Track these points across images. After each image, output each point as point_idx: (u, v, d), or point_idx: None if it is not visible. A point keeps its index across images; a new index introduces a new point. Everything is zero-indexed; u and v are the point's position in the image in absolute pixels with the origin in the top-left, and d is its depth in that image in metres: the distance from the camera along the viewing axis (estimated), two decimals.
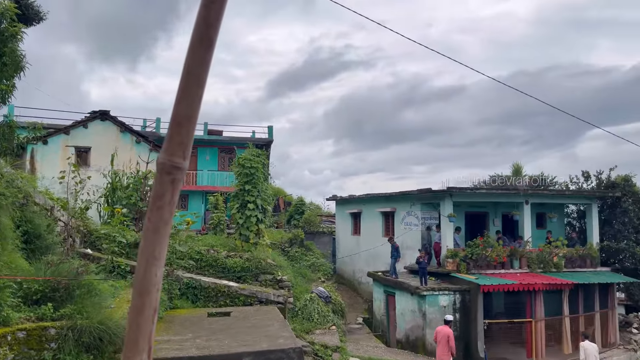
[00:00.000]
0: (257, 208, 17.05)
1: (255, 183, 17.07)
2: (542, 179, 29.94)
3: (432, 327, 17.24)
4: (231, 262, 15.34)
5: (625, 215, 22.72)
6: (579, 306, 19.68)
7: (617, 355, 19.54)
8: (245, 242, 16.90)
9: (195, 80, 1.32)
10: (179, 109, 1.34)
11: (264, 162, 18.09)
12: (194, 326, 11.05)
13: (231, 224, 20.82)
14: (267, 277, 15.47)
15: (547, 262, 19.89)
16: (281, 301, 14.29)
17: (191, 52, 1.33)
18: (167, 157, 1.33)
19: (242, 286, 14.37)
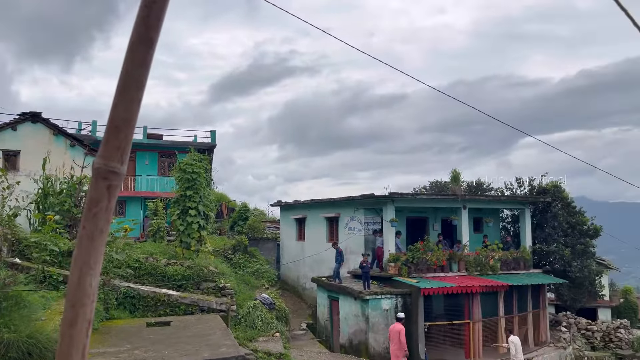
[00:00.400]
0: (199, 214, 16.70)
1: (197, 188, 16.72)
2: (478, 185, 31.22)
3: (374, 331, 17.49)
4: (171, 270, 14.92)
5: (555, 220, 24.01)
6: (513, 307, 20.54)
7: (548, 353, 20.54)
8: (187, 250, 16.50)
9: (134, 83, 1.28)
10: (117, 112, 1.28)
11: (206, 167, 17.77)
12: (132, 337, 10.65)
13: (171, 230, 20.29)
14: (209, 285, 15.16)
15: (484, 265, 20.66)
16: (224, 309, 14.05)
17: (130, 53, 1.28)
18: (104, 162, 1.27)
19: (183, 295, 14.01)
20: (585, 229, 24.67)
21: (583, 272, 23.77)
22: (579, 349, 23.01)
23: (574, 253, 23.63)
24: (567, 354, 21.47)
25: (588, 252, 24.58)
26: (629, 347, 25.78)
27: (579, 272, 23.61)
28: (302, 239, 26.21)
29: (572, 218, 24.51)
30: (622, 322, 26.94)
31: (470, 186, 30.39)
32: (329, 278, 20.72)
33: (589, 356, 22.92)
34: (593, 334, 26.10)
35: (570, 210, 24.73)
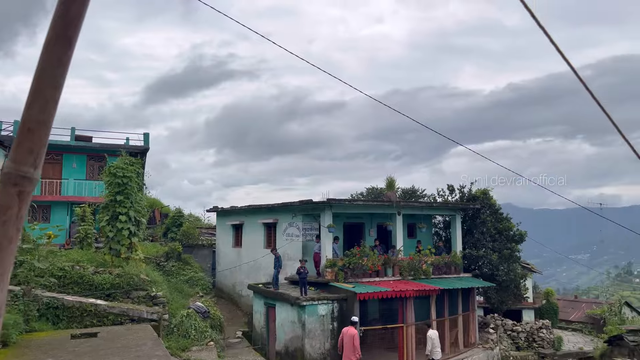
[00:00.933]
0: (130, 220, 16.08)
1: (128, 193, 16.10)
2: (413, 191, 32.07)
3: (311, 337, 17.50)
4: (99, 279, 14.26)
5: (484, 225, 25.07)
6: (445, 310, 21.23)
7: (477, 354, 21.37)
8: (116, 257, 15.83)
9: (50, 82, 1.20)
10: (31, 113, 1.20)
11: (138, 171, 17.14)
12: (55, 350, 10.05)
13: (100, 237, 19.40)
14: (140, 293, 14.61)
15: (417, 270, 21.23)
16: (155, 319, 13.57)
17: (46, 51, 1.20)
18: (15, 166, 1.18)
19: (111, 304, 13.41)
20: (511, 234, 25.92)
21: (509, 275, 24.95)
22: (505, 349, 24.11)
23: (501, 257, 24.76)
24: (495, 355, 22.42)
25: (514, 256, 25.83)
26: (550, 346, 27.31)
27: (506, 275, 24.76)
28: (238, 245, 25.85)
29: (499, 224, 25.69)
30: (544, 323, 28.49)
31: (405, 193, 31.14)
32: (266, 285, 20.54)
33: (514, 356, 24.06)
34: (518, 335, 27.42)
35: (497, 217, 25.90)
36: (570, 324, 36.43)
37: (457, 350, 21.22)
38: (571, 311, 39.20)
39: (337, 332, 18.16)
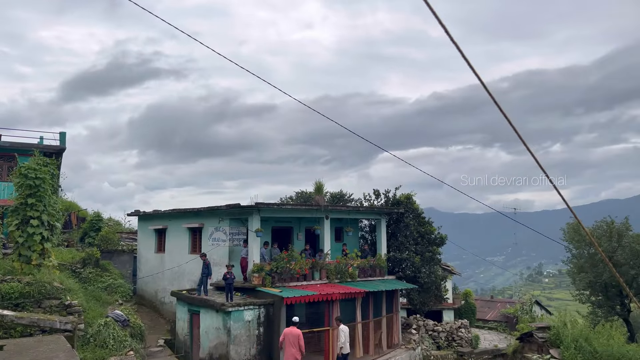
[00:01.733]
0: (43, 225, 15.06)
1: (41, 196, 15.08)
2: (341, 196, 32.51)
3: (236, 343, 17.21)
4: (7, 288, 13.23)
5: (407, 229, 25.86)
6: (370, 312, 21.64)
7: (400, 355, 21.95)
8: (26, 264, 14.76)
9: None
10: None
11: (52, 172, 16.09)
12: None
13: (8, 242, 18.04)
14: (52, 302, 13.70)
15: (344, 273, 21.50)
16: (69, 329, 12.77)
17: None
18: None
19: (20, 314, 12.46)
20: (433, 237, 26.93)
21: (430, 277, 25.89)
22: (427, 349, 24.95)
23: (423, 260, 25.65)
24: (417, 355, 23.13)
25: (435, 259, 26.86)
26: (468, 344, 28.61)
27: (427, 277, 25.67)
28: (162, 250, 24.98)
29: (422, 228, 26.61)
30: (463, 322, 29.82)
31: (333, 197, 31.51)
32: (190, 291, 19.99)
33: (435, 355, 24.96)
34: (439, 334, 28.50)
35: (420, 221, 26.83)
36: (487, 322, 38.41)
37: (380, 352, 21.68)
38: (487, 310, 41.34)
39: (264, 337, 18.02)
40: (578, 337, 20.34)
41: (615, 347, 18.44)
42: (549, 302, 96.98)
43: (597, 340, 19.49)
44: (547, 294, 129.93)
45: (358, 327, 20.56)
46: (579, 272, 34.81)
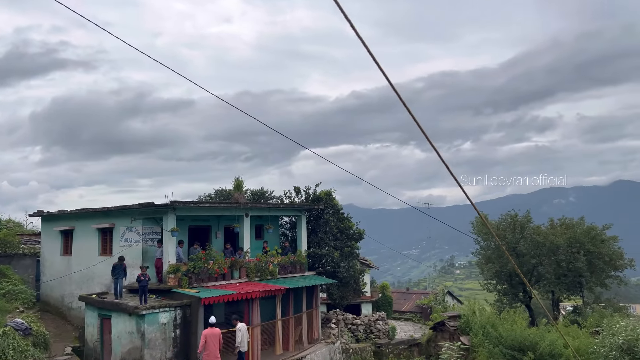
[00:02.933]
0: None
1: None
2: (262, 193, 32.23)
3: (151, 347, 16.54)
4: None
5: (327, 225, 26.14)
6: (290, 309, 21.66)
7: (320, 350, 22.16)
8: None
9: None
10: None
11: None
12: None
13: None
14: None
15: (264, 271, 21.34)
16: None
17: None
18: None
19: None
20: (351, 233, 27.43)
21: (349, 272, 26.37)
22: (346, 342, 25.39)
23: (342, 255, 26.06)
24: (336, 348, 23.48)
25: (354, 253, 27.39)
26: (386, 336, 29.48)
27: (346, 272, 26.12)
28: (68, 253, 23.42)
29: (341, 223, 27.02)
30: (380, 315, 30.67)
31: (254, 194, 31.17)
32: (100, 295, 18.93)
33: (354, 348, 25.47)
34: (357, 327, 29.11)
35: (339, 217, 27.23)
36: (403, 314, 39.83)
37: (301, 347, 21.78)
38: (404, 302, 42.89)
39: (180, 339, 17.46)
40: (485, 324, 21.67)
41: (518, 331, 19.81)
42: (461, 292, 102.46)
43: (502, 326, 20.86)
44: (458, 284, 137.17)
45: (278, 324, 20.51)
46: (487, 262, 36.99)
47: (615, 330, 16.62)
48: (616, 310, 31.98)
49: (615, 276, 35.00)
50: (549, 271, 33.72)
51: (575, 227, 34.91)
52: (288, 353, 20.84)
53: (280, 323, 20.64)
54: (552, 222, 36.75)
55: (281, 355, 20.33)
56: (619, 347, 15.85)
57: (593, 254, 33.37)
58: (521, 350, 18.69)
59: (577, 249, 33.20)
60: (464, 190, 3.79)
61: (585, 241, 33.48)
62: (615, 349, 15.88)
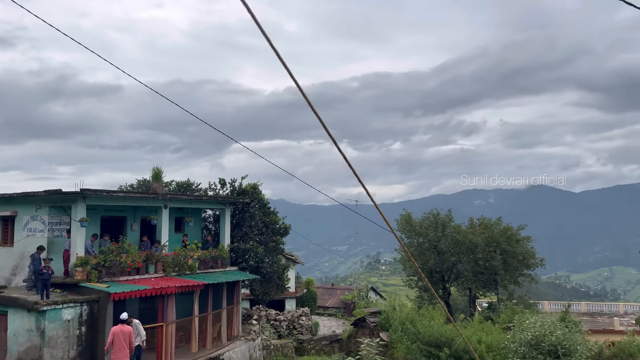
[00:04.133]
0: None
1: None
2: (188, 185, 31.05)
3: (52, 345, 15.29)
4: None
5: (252, 219, 25.55)
6: (209, 305, 20.90)
7: (239, 347, 21.58)
8: None
9: None
10: None
11: None
12: None
13: None
14: None
15: (182, 265, 20.43)
16: None
17: None
18: None
19: None
20: (277, 227, 27.00)
21: (273, 267, 25.94)
22: (267, 338, 24.95)
23: (267, 250, 25.57)
24: (256, 345, 22.99)
25: (279, 249, 26.99)
26: (309, 331, 29.34)
27: (270, 267, 25.67)
28: None
29: (267, 218, 26.52)
30: (304, 310, 30.51)
31: (179, 186, 29.95)
32: None
33: (275, 344, 25.08)
34: (280, 323, 28.77)
35: (266, 211, 26.71)
36: (327, 309, 39.97)
37: (219, 345, 21.10)
38: (328, 298, 43.08)
39: (87, 337, 16.31)
40: (405, 320, 21.96)
41: (435, 327, 20.21)
42: (385, 287, 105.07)
43: (420, 322, 21.21)
44: (383, 280, 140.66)
45: (195, 321, 19.69)
46: (409, 259, 37.81)
47: (525, 327, 17.30)
48: (527, 306, 33.72)
49: (527, 274, 36.88)
50: (467, 269, 34.95)
51: (493, 227, 36.39)
52: (205, 350, 20.10)
53: (198, 320, 19.83)
54: (472, 222, 38.14)
55: (197, 353, 19.55)
56: (527, 342, 16.49)
57: (508, 253, 34.93)
58: (438, 346, 19.06)
59: (493, 248, 34.61)
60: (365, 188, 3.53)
61: (501, 241, 34.98)
62: (525, 344, 16.51)
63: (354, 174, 3.93)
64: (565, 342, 15.92)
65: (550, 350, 15.88)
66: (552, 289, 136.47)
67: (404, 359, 19.54)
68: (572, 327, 18.75)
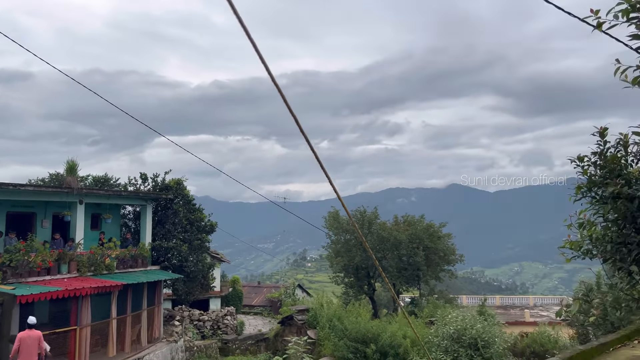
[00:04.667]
0: None
1: None
2: (105, 179, 29.30)
3: None
4: None
5: (176, 216, 24.51)
6: (128, 306, 19.79)
7: (160, 349, 20.63)
8: None
9: None
10: None
11: None
12: None
13: None
14: None
15: (99, 265, 19.21)
16: None
17: None
18: None
19: None
20: (202, 225, 26.10)
21: (198, 266, 25.04)
22: (190, 340, 24.09)
23: (191, 248, 24.63)
24: (179, 347, 22.11)
25: (204, 247, 26.10)
26: (234, 331, 28.69)
27: (194, 266, 24.76)
28: None
29: (191, 215, 25.55)
30: (229, 310, 29.80)
31: (96, 181, 28.17)
32: None
33: (198, 345, 24.26)
34: (204, 324, 27.91)
35: (190, 208, 25.73)
36: (253, 308, 39.36)
37: (139, 348, 20.06)
38: (255, 296, 42.47)
39: None
40: (332, 317, 21.98)
41: (362, 324, 20.37)
42: (311, 284, 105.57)
43: (347, 319, 21.30)
44: (309, 277, 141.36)
45: (112, 324, 18.56)
46: (336, 256, 38.11)
47: (447, 321, 17.81)
48: (447, 301, 35.04)
49: (447, 270, 38.37)
50: (392, 265, 35.73)
51: (416, 225, 37.49)
52: (123, 354, 19.01)
53: (115, 322, 18.71)
54: (397, 219, 39.09)
55: (115, 357, 18.46)
56: (450, 336, 16.98)
57: (430, 250, 36.13)
58: (364, 342, 19.23)
59: (417, 244, 35.65)
60: (334, 186, 3.27)
61: (424, 237, 36.11)
62: (447, 338, 16.98)
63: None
64: (484, 335, 16.54)
65: (471, 343, 16.43)
66: (468, 283, 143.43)
67: (332, 356, 19.53)
68: (491, 320, 19.58)
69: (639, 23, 5.53)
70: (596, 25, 5.77)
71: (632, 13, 5.44)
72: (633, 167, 6.87)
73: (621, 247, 6.87)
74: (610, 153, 7.10)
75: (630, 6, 5.42)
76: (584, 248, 7.54)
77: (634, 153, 7.12)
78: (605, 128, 7.14)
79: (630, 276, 7.22)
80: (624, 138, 7.18)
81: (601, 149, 7.17)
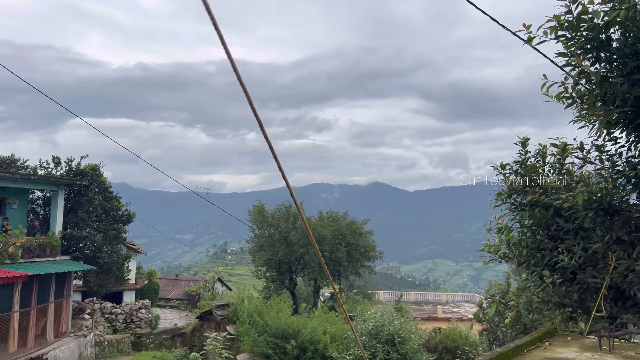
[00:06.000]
0: None
1: None
2: (12, 161, 27.08)
3: None
4: None
5: (90, 204, 23.16)
6: (33, 299, 18.46)
7: (67, 344, 19.45)
8: None
9: None
10: None
11: None
12: None
13: None
14: None
15: (1, 254, 17.72)
16: None
17: None
18: None
19: None
20: (119, 214, 24.87)
21: (112, 257, 23.83)
22: (100, 334, 22.93)
23: (106, 238, 23.39)
24: (88, 342, 20.95)
25: (120, 237, 24.88)
26: (148, 325, 27.65)
27: (109, 257, 23.54)
28: None
29: (107, 203, 24.26)
30: (144, 303, 28.69)
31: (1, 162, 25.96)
32: None
33: (109, 340, 23.15)
34: (117, 317, 26.69)
35: (106, 196, 24.43)
36: (170, 301, 38.17)
37: (44, 342, 18.80)
38: (172, 289, 41.16)
39: None
40: (253, 312, 21.73)
41: (283, 319, 20.29)
42: (230, 277, 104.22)
43: (268, 314, 21.15)
44: (229, 269, 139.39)
45: (14, 317, 17.22)
46: (259, 250, 37.80)
47: (366, 317, 18.16)
48: (365, 296, 35.86)
49: (367, 266, 39.24)
50: (314, 260, 35.99)
51: (340, 221, 37.98)
52: (25, 350, 17.73)
53: (18, 315, 17.38)
54: (321, 215, 39.40)
55: (16, 353, 17.15)
56: (368, 332, 17.32)
57: (352, 246, 36.75)
58: (285, 338, 19.15)
59: (339, 240, 36.13)
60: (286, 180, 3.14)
61: (347, 233, 36.66)
62: (366, 334, 17.31)
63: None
64: (401, 332, 17.04)
65: (388, 339, 16.86)
66: (384, 278, 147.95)
67: (251, 352, 19.30)
68: (407, 317, 20.22)
69: (565, 41, 5.84)
70: (527, 40, 6.05)
71: (560, 31, 5.74)
72: (550, 177, 7.30)
73: (535, 253, 7.27)
74: (530, 162, 7.50)
75: (558, 24, 5.70)
76: (501, 252, 7.93)
77: (551, 163, 7.58)
78: (527, 138, 7.51)
79: (541, 280, 7.68)
80: (543, 149, 7.62)
81: (522, 158, 7.56)
